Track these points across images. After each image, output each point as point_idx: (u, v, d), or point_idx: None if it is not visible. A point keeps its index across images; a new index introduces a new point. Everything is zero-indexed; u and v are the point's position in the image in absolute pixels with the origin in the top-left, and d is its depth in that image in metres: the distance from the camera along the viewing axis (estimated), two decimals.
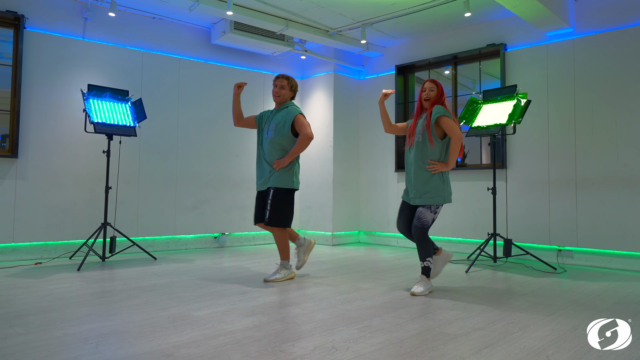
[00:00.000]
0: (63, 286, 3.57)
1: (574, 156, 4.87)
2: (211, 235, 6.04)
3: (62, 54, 5.02)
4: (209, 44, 6.08)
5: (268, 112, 4.01)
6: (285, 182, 3.79)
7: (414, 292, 3.38)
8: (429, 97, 3.53)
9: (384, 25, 5.83)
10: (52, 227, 4.91)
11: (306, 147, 3.80)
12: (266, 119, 3.97)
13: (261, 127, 3.98)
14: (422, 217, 3.41)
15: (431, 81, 3.57)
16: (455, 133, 3.40)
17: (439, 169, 3.42)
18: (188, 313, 2.83)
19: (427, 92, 3.54)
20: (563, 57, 5.00)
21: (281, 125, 3.81)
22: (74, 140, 5.05)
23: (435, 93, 3.53)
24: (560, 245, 4.92)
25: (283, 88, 3.91)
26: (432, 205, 3.43)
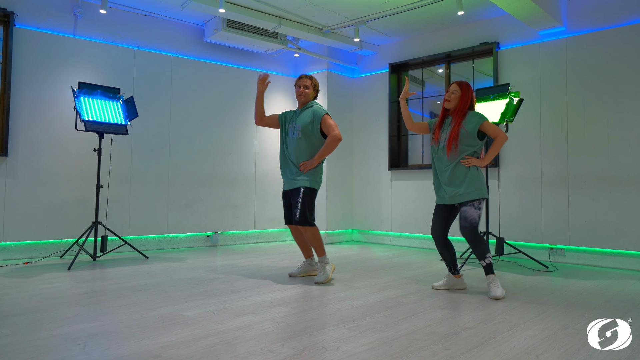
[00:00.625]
0: (53, 286, 3.54)
1: (566, 155, 4.88)
2: (204, 234, 6.02)
3: (53, 51, 4.98)
4: (201, 42, 6.05)
5: (291, 112, 3.99)
6: (313, 182, 3.81)
7: (497, 297, 3.24)
8: (449, 99, 3.45)
9: (377, 24, 5.82)
10: (42, 226, 4.87)
11: (335, 148, 3.81)
12: (290, 119, 3.94)
13: (285, 128, 3.94)
14: (468, 216, 3.33)
15: (457, 83, 3.47)
16: (500, 134, 3.39)
17: (472, 162, 3.37)
18: (178, 313, 2.82)
19: (449, 93, 3.46)
20: (555, 56, 5.00)
21: (308, 126, 3.80)
22: (64, 138, 5.01)
23: (458, 95, 3.42)
24: (553, 243, 4.93)
25: (307, 88, 3.89)
26: (474, 200, 3.34)
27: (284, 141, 3.94)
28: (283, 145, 3.94)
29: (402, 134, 6.50)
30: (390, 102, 6.44)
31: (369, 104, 6.71)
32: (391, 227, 6.37)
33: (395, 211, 6.34)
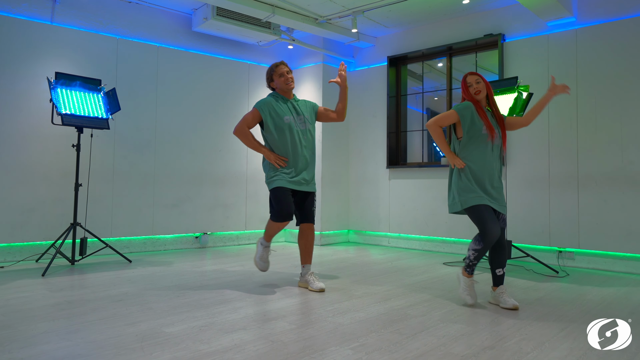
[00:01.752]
0: (22, 295, 3.21)
1: (576, 153, 4.62)
2: (192, 235, 5.68)
3: (28, 39, 4.61)
4: (189, 32, 5.70)
5: (281, 102, 3.58)
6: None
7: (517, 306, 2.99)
8: (479, 90, 3.13)
9: (376, 14, 5.51)
10: (16, 228, 4.51)
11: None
12: (286, 110, 3.54)
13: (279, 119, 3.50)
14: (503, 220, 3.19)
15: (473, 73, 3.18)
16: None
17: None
18: (159, 329, 2.50)
19: (474, 85, 3.14)
20: (565, 48, 4.73)
21: (312, 117, 3.66)
22: (41, 133, 4.65)
23: (483, 84, 3.15)
24: (561, 246, 4.67)
25: (289, 73, 3.62)
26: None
27: (290, 134, 3.49)
28: (289, 139, 3.48)
29: (400, 131, 6.21)
30: (389, 97, 6.14)
31: (366, 99, 6.40)
32: (389, 228, 6.09)
33: (393, 211, 6.05)
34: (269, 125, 3.51)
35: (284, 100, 3.60)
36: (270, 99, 3.59)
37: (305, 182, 3.54)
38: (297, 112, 3.58)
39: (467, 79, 3.18)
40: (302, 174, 3.51)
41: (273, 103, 3.55)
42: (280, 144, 3.50)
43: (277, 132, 3.50)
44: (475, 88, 3.15)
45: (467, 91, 3.19)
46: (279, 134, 3.50)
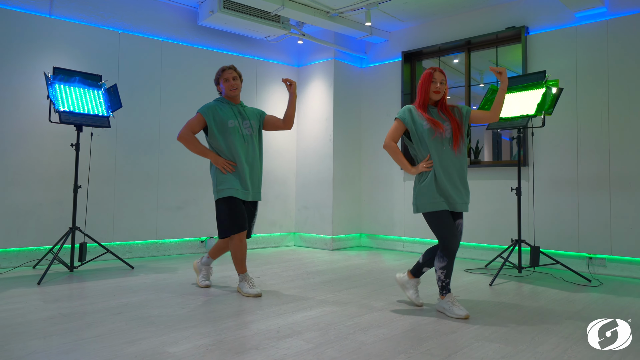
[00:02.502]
0: (14, 307, 2.95)
1: (607, 152, 4.32)
2: (197, 240, 5.42)
3: (25, 32, 4.36)
4: (195, 26, 5.44)
5: (226, 107, 3.44)
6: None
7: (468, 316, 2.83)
8: (439, 91, 2.98)
9: (391, 6, 5.23)
10: (12, 232, 4.26)
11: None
12: (231, 114, 3.41)
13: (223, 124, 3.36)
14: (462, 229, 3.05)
15: (441, 71, 3.01)
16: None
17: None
18: (162, 349, 2.23)
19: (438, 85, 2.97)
20: (595, 41, 4.43)
21: (257, 124, 3.52)
22: (39, 131, 4.40)
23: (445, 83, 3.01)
24: (592, 252, 4.36)
25: (238, 80, 3.49)
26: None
27: (234, 141, 3.35)
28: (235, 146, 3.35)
29: None
30: (403, 94, 5.85)
31: (380, 97, 6.12)
32: (404, 232, 5.80)
33: (408, 214, 5.76)
34: (214, 130, 3.37)
35: (229, 105, 3.47)
36: (215, 103, 3.46)
37: (249, 192, 3.40)
38: (242, 117, 3.45)
39: (435, 74, 2.97)
40: (247, 183, 3.37)
41: (217, 107, 3.42)
42: (226, 149, 3.35)
43: (222, 137, 3.35)
44: (438, 88, 2.96)
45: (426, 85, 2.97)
46: (224, 139, 3.35)
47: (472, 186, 5.15)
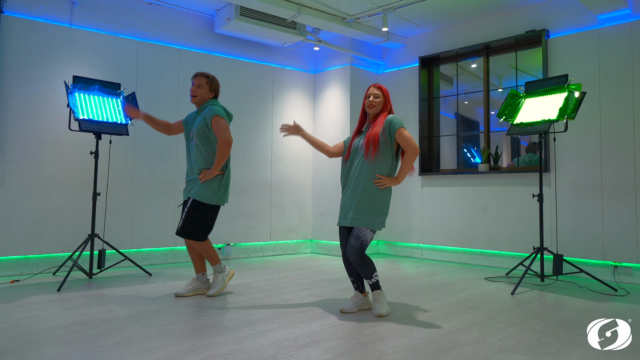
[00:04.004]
0: (34, 314, 2.97)
1: (633, 157, 4.20)
2: (215, 246, 5.41)
3: (46, 42, 4.43)
4: (212, 33, 5.47)
5: (192, 115, 3.66)
6: (204, 196, 3.42)
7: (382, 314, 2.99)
8: (372, 105, 3.14)
9: (407, 11, 5.19)
10: (33, 239, 4.31)
11: (226, 153, 3.36)
12: (190, 123, 3.62)
13: (187, 132, 3.64)
14: (360, 235, 2.98)
15: (376, 86, 3.18)
16: (411, 146, 3.02)
17: (387, 183, 3.05)
18: (179, 357, 2.21)
19: (371, 98, 3.14)
20: (619, 43, 4.33)
21: (201, 129, 3.47)
22: (59, 139, 4.46)
23: (382, 100, 3.16)
24: (617, 261, 4.24)
25: (200, 87, 3.54)
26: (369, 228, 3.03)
27: (186, 147, 3.63)
28: (187, 152, 3.63)
29: (433, 135, 5.85)
30: (421, 100, 5.80)
31: (397, 103, 6.06)
32: (422, 239, 5.72)
33: (426, 221, 5.68)
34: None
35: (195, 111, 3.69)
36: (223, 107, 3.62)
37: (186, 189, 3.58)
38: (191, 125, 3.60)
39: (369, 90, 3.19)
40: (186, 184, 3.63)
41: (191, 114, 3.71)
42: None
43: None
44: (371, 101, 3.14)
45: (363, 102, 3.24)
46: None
47: (492, 192, 5.08)
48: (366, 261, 2.99)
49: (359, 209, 3.02)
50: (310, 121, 6.33)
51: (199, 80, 3.55)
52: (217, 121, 3.39)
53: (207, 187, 3.42)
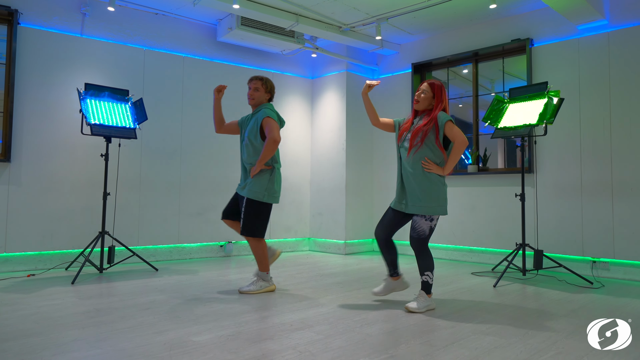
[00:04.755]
0: (53, 303, 3.25)
1: (610, 159, 4.48)
2: (217, 244, 5.70)
3: (59, 51, 4.73)
4: (214, 42, 5.76)
5: (246, 117, 3.88)
6: (255, 193, 3.59)
7: (412, 308, 3.09)
8: (418, 100, 3.23)
9: (400, 20, 5.48)
10: (47, 236, 4.60)
11: (273, 150, 3.55)
12: (245, 124, 3.84)
13: (242, 133, 3.85)
14: (417, 227, 3.13)
15: (428, 83, 3.23)
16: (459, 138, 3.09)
17: (433, 169, 3.12)
18: (187, 338, 2.49)
19: (419, 92, 3.24)
20: (597, 52, 4.61)
21: (253, 129, 3.67)
22: (71, 143, 4.75)
23: (427, 96, 3.19)
24: (595, 256, 4.51)
25: (257, 90, 3.74)
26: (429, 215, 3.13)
27: (240, 148, 3.83)
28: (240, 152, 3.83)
29: None
30: None
31: (390, 107, 6.35)
32: None
33: None
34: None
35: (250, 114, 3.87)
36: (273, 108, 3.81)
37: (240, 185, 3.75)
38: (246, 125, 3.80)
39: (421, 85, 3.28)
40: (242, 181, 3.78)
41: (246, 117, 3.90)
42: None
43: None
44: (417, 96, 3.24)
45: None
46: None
47: (480, 192, 5.35)
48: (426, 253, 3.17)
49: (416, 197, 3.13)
50: (308, 124, 6.61)
51: (255, 84, 3.72)
52: (268, 122, 3.58)
53: (256, 183, 3.58)
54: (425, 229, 3.11)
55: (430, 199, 3.09)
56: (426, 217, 3.10)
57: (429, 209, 3.09)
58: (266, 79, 3.78)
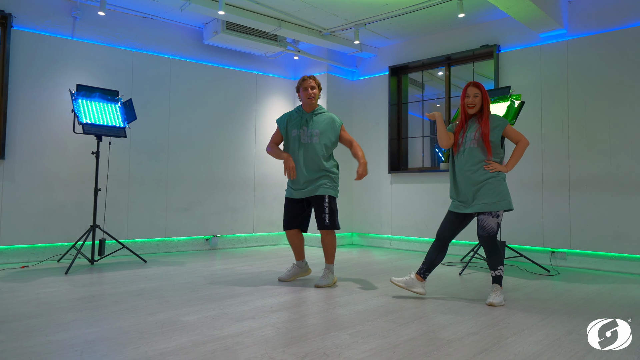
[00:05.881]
0: (49, 290, 3.50)
1: (567, 158, 4.86)
2: (203, 238, 5.97)
3: (51, 53, 4.94)
4: (200, 44, 6.02)
5: (296, 115, 3.85)
6: (335, 192, 3.80)
7: (492, 303, 3.15)
8: (473, 104, 3.30)
9: (377, 26, 5.79)
10: (39, 230, 4.82)
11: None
12: (298, 123, 3.81)
13: (288, 132, 3.83)
14: (485, 225, 3.21)
15: (474, 85, 3.31)
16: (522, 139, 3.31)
17: (496, 168, 3.25)
18: (177, 318, 2.77)
19: (471, 98, 3.30)
20: (556, 59, 4.98)
21: (326, 133, 3.77)
22: (62, 141, 4.97)
23: (480, 99, 3.30)
24: (554, 247, 4.90)
25: (314, 88, 3.79)
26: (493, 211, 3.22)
27: (295, 146, 3.79)
28: (297, 152, 3.78)
29: (402, 137, 6.47)
30: (390, 104, 6.41)
31: (369, 107, 6.68)
32: (391, 231, 6.34)
33: (395, 214, 6.30)
34: (284, 137, 3.91)
35: (300, 114, 3.85)
36: (290, 113, 3.92)
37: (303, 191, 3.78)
38: (307, 125, 3.78)
39: (468, 90, 3.33)
40: (300, 184, 3.79)
41: (290, 117, 3.88)
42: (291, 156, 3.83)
43: (288, 144, 3.88)
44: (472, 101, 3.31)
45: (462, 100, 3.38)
46: (288, 146, 3.87)
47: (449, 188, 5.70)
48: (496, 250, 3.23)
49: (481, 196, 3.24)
50: None
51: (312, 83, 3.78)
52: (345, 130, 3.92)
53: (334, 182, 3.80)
54: (493, 226, 3.21)
55: (495, 195, 3.20)
56: (492, 213, 3.21)
57: (495, 205, 3.19)
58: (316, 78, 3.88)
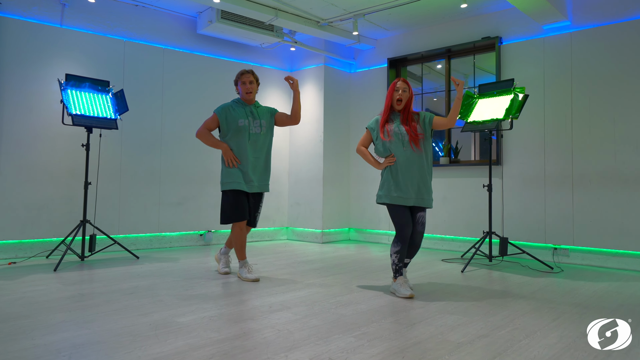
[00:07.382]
0: (37, 288, 3.34)
1: (571, 153, 4.76)
2: (196, 233, 5.82)
3: (38, 41, 4.75)
4: (194, 34, 5.84)
5: (237, 106, 3.84)
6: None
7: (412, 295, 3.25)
8: (401, 99, 3.36)
9: (376, 17, 5.65)
10: (27, 225, 4.65)
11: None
12: (243, 113, 3.81)
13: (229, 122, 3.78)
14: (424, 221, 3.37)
15: (404, 81, 3.40)
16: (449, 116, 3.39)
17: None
18: (171, 319, 2.63)
19: (400, 92, 3.36)
20: (560, 51, 4.87)
21: (270, 125, 3.90)
22: (51, 133, 4.79)
23: (408, 94, 3.39)
24: (556, 243, 4.81)
25: (252, 83, 3.84)
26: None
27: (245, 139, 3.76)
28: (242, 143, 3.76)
29: None
30: None
31: (367, 100, 6.54)
32: (389, 226, 6.22)
33: None
34: (225, 128, 3.80)
35: (243, 106, 3.85)
36: (231, 103, 3.87)
37: (254, 184, 3.80)
38: (253, 116, 3.82)
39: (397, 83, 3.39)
40: (250, 176, 3.77)
41: (231, 108, 3.83)
42: (235, 146, 3.77)
43: (232, 135, 3.78)
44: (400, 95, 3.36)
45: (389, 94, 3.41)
46: (234, 137, 3.78)
47: (451, 183, 5.60)
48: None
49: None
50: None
51: (251, 78, 3.83)
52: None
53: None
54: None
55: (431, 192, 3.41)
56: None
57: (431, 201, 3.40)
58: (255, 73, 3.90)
